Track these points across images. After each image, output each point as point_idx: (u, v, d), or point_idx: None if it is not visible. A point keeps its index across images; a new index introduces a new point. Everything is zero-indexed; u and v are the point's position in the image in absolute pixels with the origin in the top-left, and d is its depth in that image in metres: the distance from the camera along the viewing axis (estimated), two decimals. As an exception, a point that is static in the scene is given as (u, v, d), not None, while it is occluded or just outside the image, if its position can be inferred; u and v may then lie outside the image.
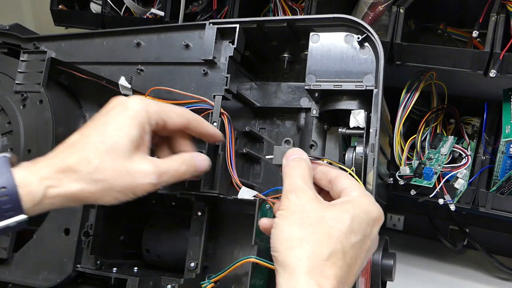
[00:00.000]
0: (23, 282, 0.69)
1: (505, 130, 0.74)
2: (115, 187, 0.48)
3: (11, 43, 0.80)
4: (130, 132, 0.49)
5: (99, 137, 0.49)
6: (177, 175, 0.53)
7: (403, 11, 0.73)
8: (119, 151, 0.48)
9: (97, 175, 0.47)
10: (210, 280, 0.58)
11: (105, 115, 0.51)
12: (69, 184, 0.47)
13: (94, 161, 0.47)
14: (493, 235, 0.96)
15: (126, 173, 0.48)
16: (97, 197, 0.48)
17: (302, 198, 0.47)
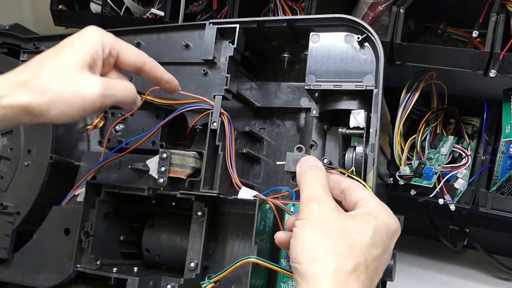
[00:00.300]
0: (23, 282, 0.69)
1: (505, 130, 0.74)
2: (62, 98, 0.49)
3: (11, 43, 0.80)
4: (82, 52, 0.52)
5: (53, 56, 0.51)
6: (126, 93, 0.54)
7: (403, 11, 0.73)
8: (70, 66, 0.50)
9: (45, 85, 0.48)
10: (210, 280, 0.58)
11: (65, 40, 0.54)
12: (20, 95, 0.48)
13: (44, 74, 0.49)
14: (493, 235, 0.95)
15: (73, 83, 0.49)
16: (45, 109, 0.48)
17: (323, 207, 0.45)
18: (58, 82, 0.49)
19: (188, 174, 0.65)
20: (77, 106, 0.49)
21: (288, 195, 0.65)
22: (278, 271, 0.59)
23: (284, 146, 0.74)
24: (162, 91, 0.69)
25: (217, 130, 0.63)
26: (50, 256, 0.69)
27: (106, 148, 0.75)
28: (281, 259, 0.63)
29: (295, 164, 0.53)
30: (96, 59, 0.53)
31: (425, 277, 0.91)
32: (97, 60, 0.53)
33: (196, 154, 0.66)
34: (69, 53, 0.51)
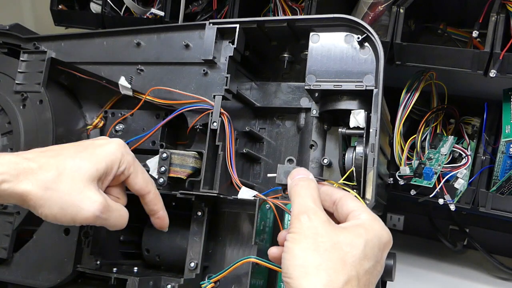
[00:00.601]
0: (23, 282, 0.69)
1: (505, 130, 0.74)
2: (60, 202, 0.48)
3: (11, 43, 0.80)
4: (100, 163, 0.52)
5: (72, 156, 0.51)
6: (118, 221, 0.54)
7: (403, 11, 0.73)
8: (82, 174, 0.50)
9: (50, 183, 0.48)
10: (210, 280, 0.59)
11: (89, 141, 0.54)
12: (22, 183, 0.48)
13: (55, 171, 0.49)
14: (493, 235, 0.95)
15: (77, 194, 0.49)
16: (39, 204, 0.48)
17: (314, 220, 0.45)
18: (64, 186, 0.49)
19: (188, 174, 0.65)
20: (69, 215, 0.49)
21: (288, 195, 0.65)
22: (278, 271, 0.59)
23: (284, 146, 0.74)
24: (162, 91, 0.69)
25: (217, 130, 0.63)
26: (50, 256, 0.68)
27: (106, 148, 0.75)
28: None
29: (286, 176, 0.53)
30: (109, 173, 0.53)
31: (425, 277, 0.91)
32: (109, 174, 0.53)
33: (196, 154, 0.66)
34: (87, 159, 0.51)
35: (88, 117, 0.82)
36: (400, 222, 1.05)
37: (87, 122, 0.82)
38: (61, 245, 0.68)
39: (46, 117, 0.74)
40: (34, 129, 0.74)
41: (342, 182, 0.59)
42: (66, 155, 0.51)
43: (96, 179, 0.51)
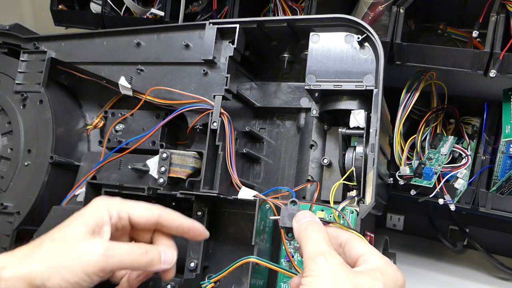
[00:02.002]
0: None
1: (505, 130, 0.74)
2: (62, 262, 0.47)
3: (11, 43, 0.80)
4: (85, 219, 0.50)
5: (58, 229, 0.50)
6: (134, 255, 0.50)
7: (403, 11, 0.73)
8: (71, 234, 0.49)
9: (45, 252, 0.47)
10: (210, 280, 0.58)
11: (71, 216, 0.52)
12: (21, 265, 0.46)
13: (46, 243, 0.48)
14: (493, 235, 0.95)
15: (73, 247, 0.48)
16: (46, 277, 0.46)
17: (332, 262, 0.43)
18: (58, 249, 0.47)
19: (188, 174, 0.65)
20: (78, 270, 0.47)
21: (288, 195, 0.65)
22: (278, 271, 0.59)
23: (284, 146, 0.74)
24: (162, 91, 0.69)
25: (217, 130, 0.63)
26: (50, 256, 0.68)
27: (106, 148, 0.75)
28: (281, 259, 0.63)
29: (290, 219, 0.51)
30: (100, 224, 0.50)
31: (425, 277, 0.91)
32: (103, 225, 0.51)
33: (196, 154, 0.66)
34: (72, 223, 0.50)
35: (88, 117, 0.82)
36: (400, 222, 1.05)
37: (87, 122, 0.82)
38: (61, 245, 0.68)
39: (46, 117, 0.74)
40: (34, 129, 0.74)
41: (350, 172, 0.58)
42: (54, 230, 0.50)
43: (88, 234, 0.49)
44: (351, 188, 0.65)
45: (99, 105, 0.82)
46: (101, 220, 0.51)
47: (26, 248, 0.49)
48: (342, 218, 0.58)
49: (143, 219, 0.53)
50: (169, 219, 0.55)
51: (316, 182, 0.68)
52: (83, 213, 0.51)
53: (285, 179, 0.72)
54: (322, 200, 0.67)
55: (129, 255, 0.50)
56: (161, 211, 0.55)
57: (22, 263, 0.47)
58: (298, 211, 0.51)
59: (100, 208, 0.51)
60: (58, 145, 0.73)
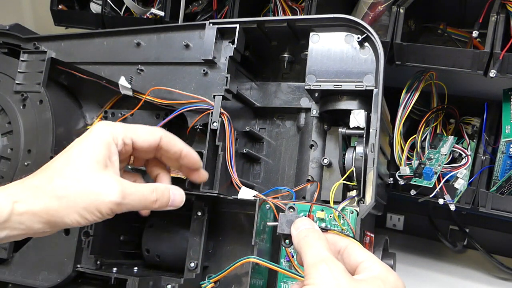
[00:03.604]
0: (23, 282, 0.69)
1: (505, 130, 0.74)
2: (78, 203, 0.47)
3: (11, 43, 0.80)
4: (95, 152, 0.50)
5: (65, 160, 0.50)
6: (146, 201, 0.52)
7: (403, 11, 0.73)
8: (84, 171, 0.48)
9: (60, 191, 0.47)
10: (210, 280, 0.58)
11: (74, 141, 0.52)
12: (34, 200, 0.46)
13: (57, 179, 0.48)
14: (493, 235, 0.95)
15: (89, 190, 0.48)
16: (62, 214, 0.47)
17: (334, 270, 0.42)
18: (74, 188, 0.47)
19: (188, 174, 0.65)
20: (94, 210, 0.48)
21: (288, 195, 0.65)
22: (278, 271, 0.59)
23: (284, 146, 0.74)
24: (162, 91, 0.69)
25: (217, 130, 0.63)
26: (50, 256, 0.68)
27: (106, 148, 0.75)
28: (281, 259, 0.63)
29: (289, 226, 0.50)
30: (110, 156, 0.51)
31: (425, 277, 0.91)
32: (111, 156, 0.51)
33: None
34: (80, 156, 0.49)
35: (88, 117, 0.82)
36: (400, 222, 1.05)
37: (87, 122, 0.82)
38: (61, 245, 0.68)
39: (46, 117, 0.74)
40: (34, 129, 0.74)
41: (350, 172, 0.58)
42: (61, 163, 0.49)
43: (100, 168, 0.49)
44: (351, 188, 0.65)
45: (99, 105, 0.82)
46: (109, 151, 0.51)
47: (34, 181, 0.48)
48: (342, 218, 0.58)
49: (146, 143, 0.54)
50: (170, 142, 0.56)
51: (316, 182, 0.68)
52: (90, 145, 0.50)
53: (285, 179, 0.72)
54: (322, 200, 0.68)
55: (141, 197, 0.51)
56: (162, 134, 0.55)
57: (36, 199, 0.46)
58: (297, 218, 0.51)
59: (106, 137, 0.51)
60: (58, 145, 0.73)
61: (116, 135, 0.52)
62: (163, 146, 0.56)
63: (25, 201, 0.46)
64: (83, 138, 0.51)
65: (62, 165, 0.49)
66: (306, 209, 0.60)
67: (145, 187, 0.52)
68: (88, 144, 0.50)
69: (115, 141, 0.52)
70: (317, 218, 0.60)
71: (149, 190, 0.52)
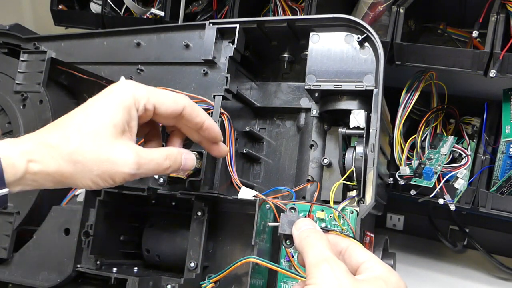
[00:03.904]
0: (23, 282, 0.69)
1: (505, 130, 0.74)
2: (93, 171, 0.46)
3: (11, 43, 0.80)
4: (115, 116, 0.48)
5: (83, 119, 0.48)
6: (159, 168, 0.50)
7: (403, 11, 0.73)
8: (101, 135, 0.47)
9: (76, 155, 0.46)
10: (210, 280, 0.58)
11: (93, 99, 0.50)
12: (49, 161, 0.45)
13: (74, 141, 0.46)
14: (493, 235, 0.95)
15: (106, 158, 0.46)
16: (76, 178, 0.46)
17: (337, 270, 0.42)
18: (89, 154, 0.46)
19: (188, 174, 0.65)
20: (107, 178, 0.47)
21: (288, 195, 0.65)
22: (278, 271, 0.59)
23: (284, 146, 0.74)
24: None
25: (217, 130, 0.63)
26: (50, 256, 0.68)
27: (106, 148, 0.75)
28: (281, 259, 0.63)
29: (290, 226, 0.50)
30: (129, 121, 0.49)
31: (425, 277, 0.91)
32: (131, 121, 0.49)
33: (196, 154, 0.66)
34: (99, 116, 0.47)
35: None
36: (400, 222, 1.05)
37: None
38: (61, 245, 0.68)
39: (46, 117, 0.74)
40: (34, 129, 0.73)
41: (350, 172, 0.58)
42: (79, 121, 0.47)
43: (118, 135, 0.47)
44: (351, 188, 0.65)
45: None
46: (129, 116, 0.49)
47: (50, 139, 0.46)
48: (342, 218, 0.58)
49: (168, 111, 0.52)
50: (193, 113, 0.53)
51: (316, 182, 0.68)
52: (108, 106, 0.48)
53: (285, 179, 0.72)
54: (322, 200, 0.68)
55: (155, 165, 0.49)
56: (186, 103, 0.53)
57: (51, 159, 0.45)
58: (298, 218, 0.51)
59: (127, 100, 0.49)
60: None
61: (138, 99, 0.49)
62: (185, 116, 0.53)
63: (40, 161, 0.45)
64: (102, 97, 0.49)
65: (79, 125, 0.47)
66: (306, 209, 0.60)
67: (159, 153, 0.50)
68: (107, 105, 0.48)
69: (136, 105, 0.49)
70: (317, 218, 0.60)
71: (162, 157, 0.50)
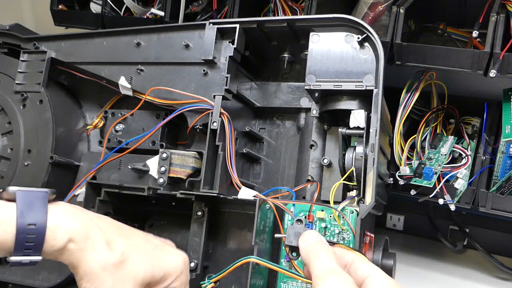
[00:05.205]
0: (23, 282, 0.69)
1: (505, 130, 0.74)
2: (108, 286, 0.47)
3: (11, 43, 0.80)
4: (158, 270, 0.50)
5: (140, 247, 0.50)
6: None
7: (403, 11, 0.73)
8: (138, 272, 0.48)
9: (110, 267, 0.47)
10: (210, 280, 0.58)
11: (159, 241, 0.53)
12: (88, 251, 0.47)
13: (120, 257, 0.48)
14: (493, 235, 0.95)
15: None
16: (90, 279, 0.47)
17: (343, 283, 0.43)
18: (118, 276, 0.47)
19: (188, 174, 0.65)
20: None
21: (288, 195, 0.65)
22: (278, 271, 0.59)
23: (284, 146, 0.74)
24: (162, 91, 0.69)
25: (217, 130, 0.63)
26: (50, 256, 0.68)
27: (106, 148, 0.75)
28: (281, 259, 0.63)
29: (296, 238, 0.51)
30: (159, 283, 0.51)
31: (425, 277, 0.91)
32: (160, 284, 0.51)
33: (196, 154, 0.66)
34: (151, 260, 0.50)
35: (88, 117, 0.82)
36: (400, 222, 1.05)
37: (87, 122, 0.82)
38: (61, 245, 0.68)
39: (46, 117, 0.74)
40: (34, 129, 0.74)
41: (350, 172, 0.58)
42: (135, 244, 0.50)
43: (146, 284, 0.49)
44: (351, 188, 0.65)
45: (99, 105, 0.82)
46: (165, 281, 0.51)
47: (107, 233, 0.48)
48: (342, 218, 0.58)
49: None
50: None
51: (316, 182, 0.68)
52: (165, 259, 0.51)
53: (285, 179, 0.72)
54: (322, 200, 0.67)
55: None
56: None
57: (92, 252, 0.47)
58: (305, 231, 0.51)
59: (176, 271, 0.52)
60: (58, 145, 0.73)
61: (179, 278, 0.53)
62: None
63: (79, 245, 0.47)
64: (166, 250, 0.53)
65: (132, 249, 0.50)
66: (306, 209, 0.60)
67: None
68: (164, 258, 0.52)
69: (175, 280, 0.52)
70: (317, 218, 0.60)
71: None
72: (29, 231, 0.44)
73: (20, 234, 0.43)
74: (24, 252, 0.44)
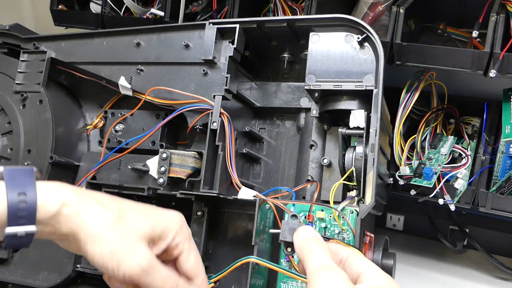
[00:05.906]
0: (23, 282, 0.69)
1: (505, 130, 0.74)
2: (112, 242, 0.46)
3: (11, 43, 0.80)
4: (157, 224, 0.49)
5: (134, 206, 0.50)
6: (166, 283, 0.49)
7: (403, 11, 0.73)
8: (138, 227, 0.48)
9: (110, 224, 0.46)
10: (210, 280, 0.58)
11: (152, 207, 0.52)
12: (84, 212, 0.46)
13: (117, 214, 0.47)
14: (493, 235, 0.95)
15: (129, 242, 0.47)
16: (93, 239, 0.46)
17: (338, 278, 0.42)
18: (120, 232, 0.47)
19: (188, 174, 0.65)
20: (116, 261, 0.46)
21: (288, 195, 0.65)
22: (278, 271, 0.59)
23: (284, 146, 0.74)
24: (162, 91, 0.69)
25: (217, 130, 0.63)
26: (50, 256, 0.68)
27: (106, 148, 0.75)
28: (281, 259, 0.63)
29: (291, 234, 0.50)
30: (163, 237, 0.50)
31: (425, 277, 0.91)
32: (163, 239, 0.50)
33: (196, 154, 0.66)
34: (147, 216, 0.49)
35: (88, 117, 0.82)
36: (400, 222, 1.05)
37: (87, 122, 0.82)
38: (61, 245, 0.68)
39: (46, 117, 0.74)
40: (34, 129, 0.74)
41: (350, 172, 0.58)
42: (129, 205, 0.49)
43: (149, 238, 0.49)
44: (351, 188, 0.65)
45: (99, 105, 0.82)
46: (166, 235, 0.50)
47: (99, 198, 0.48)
48: (342, 218, 0.58)
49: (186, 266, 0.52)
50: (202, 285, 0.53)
51: (316, 182, 0.68)
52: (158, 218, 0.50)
53: (285, 179, 0.72)
54: (322, 200, 0.68)
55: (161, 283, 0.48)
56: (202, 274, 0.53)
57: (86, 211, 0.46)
58: (299, 226, 0.51)
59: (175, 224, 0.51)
60: (58, 145, 0.73)
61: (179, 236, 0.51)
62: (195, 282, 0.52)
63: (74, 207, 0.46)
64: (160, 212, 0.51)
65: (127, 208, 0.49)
66: (306, 209, 0.60)
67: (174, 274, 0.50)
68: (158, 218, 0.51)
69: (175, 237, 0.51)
70: (317, 218, 0.60)
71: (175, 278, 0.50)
72: (20, 200, 0.44)
73: (11, 204, 0.43)
74: (18, 222, 0.44)
